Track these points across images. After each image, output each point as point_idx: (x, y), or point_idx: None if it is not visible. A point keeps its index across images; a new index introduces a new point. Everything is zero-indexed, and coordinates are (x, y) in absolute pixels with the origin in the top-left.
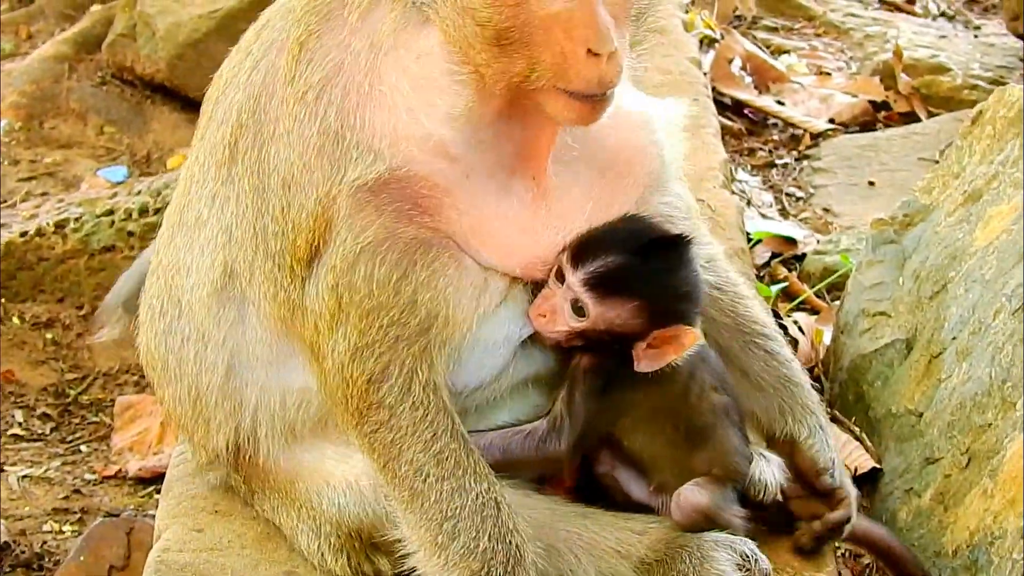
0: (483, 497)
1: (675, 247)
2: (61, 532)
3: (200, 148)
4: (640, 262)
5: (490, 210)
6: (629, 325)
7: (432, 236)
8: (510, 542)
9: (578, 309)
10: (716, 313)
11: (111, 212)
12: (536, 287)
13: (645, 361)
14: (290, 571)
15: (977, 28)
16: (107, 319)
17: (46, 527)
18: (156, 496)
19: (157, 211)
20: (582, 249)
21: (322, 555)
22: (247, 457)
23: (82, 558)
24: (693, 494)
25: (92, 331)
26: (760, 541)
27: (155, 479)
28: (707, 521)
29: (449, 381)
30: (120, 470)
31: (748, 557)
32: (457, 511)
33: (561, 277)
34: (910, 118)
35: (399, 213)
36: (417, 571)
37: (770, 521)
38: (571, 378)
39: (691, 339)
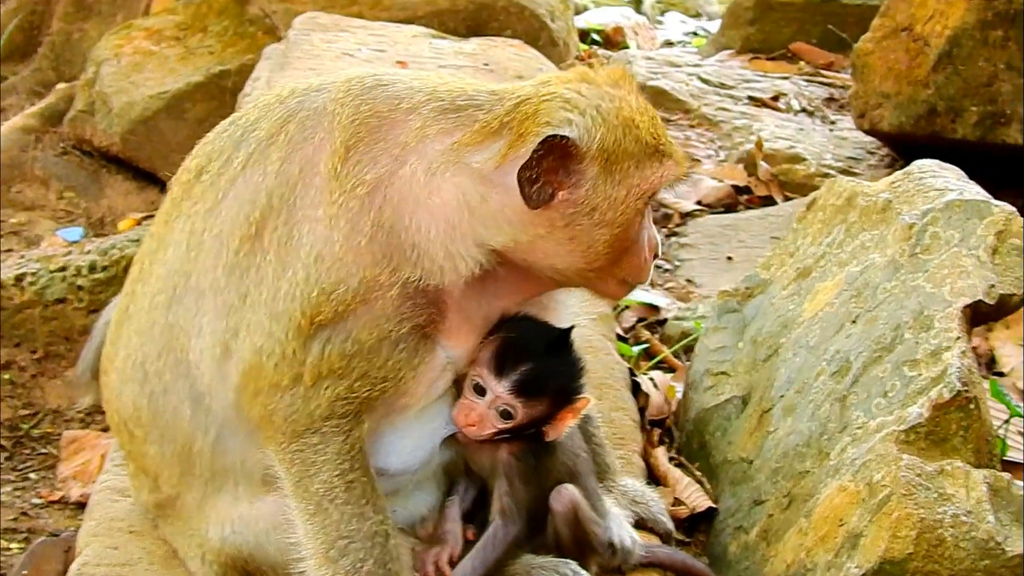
0: (377, 527)
1: (566, 339)
2: (8, 549)
3: (213, 222)
4: (548, 361)
5: (472, 313)
6: (546, 412)
7: (435, 331)
8: (390, 569)
9: (505, 413)
10: None
11: (64, 268)
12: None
13: (552, 432)
14: None
15: (832, 123)
16: (82, 389)
17: None
18: None
19: (104, 268)
20: (499, 362)
21: None
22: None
23: (24, 572)
24: (570, 490)
25: (73, 400)
26: None
27: None
28: (576, 518)
29: (384, 465)
30: (63, 496)
31: None
32: (352, 533)
33: (480, 390)
34: (768, 202)
35: (429, 313)
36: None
37: None
38: (504, 471)
39: (584, 404)
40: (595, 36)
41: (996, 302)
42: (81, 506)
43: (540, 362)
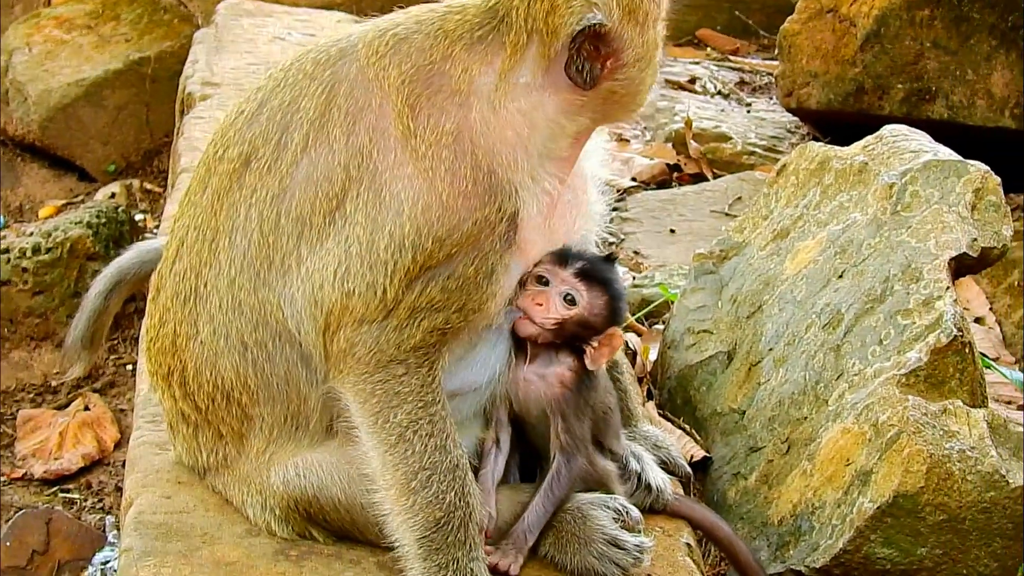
0: (456, 460)
1: (614, 262)
2: None
3: (287, 206)
4: (608, 266)
5: (540, 229)
6: (598, 319)
7: (513, 253)
8: (468, 502)
9: (569, 299)
10: None
11: (7, 251)
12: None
13: (593, 361)
14: (250, 529)
15: (748, 105)
16: (73, 358)
17: None
18: (61, 495)
19: (49, 250)
20: (564, 254)
21: (268, 523)
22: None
23: (8, 544)
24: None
25: (63, 369)
26: None
27: (58, 480)
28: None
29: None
30: (26, 473)
31: (620, 511)
32: (435, 465)
33: (544, 280)
34: (699, 178)
35: (516, 233)
36: (383, 507)
37: None
38: (557, 408)
39: (620, 341)
40: None
41: (979, 255)
42: (46, 482)
43: (602, 262)
